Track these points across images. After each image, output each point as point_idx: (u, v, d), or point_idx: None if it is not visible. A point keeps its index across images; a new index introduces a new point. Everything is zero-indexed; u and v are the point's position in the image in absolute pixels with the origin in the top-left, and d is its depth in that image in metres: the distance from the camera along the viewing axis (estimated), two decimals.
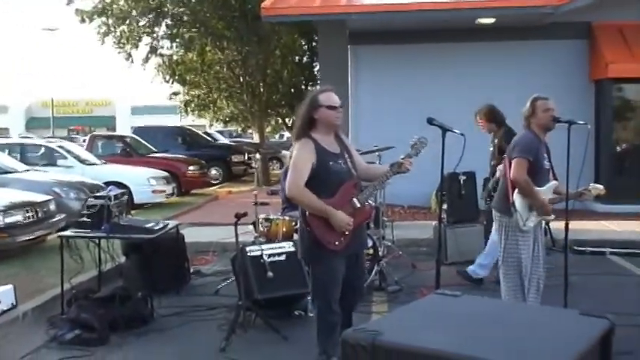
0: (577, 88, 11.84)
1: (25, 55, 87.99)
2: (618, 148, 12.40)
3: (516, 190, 5.06)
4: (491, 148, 7.02)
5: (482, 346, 2.04)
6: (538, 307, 4.23)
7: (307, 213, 4.21)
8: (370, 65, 12.51)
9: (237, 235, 5.68)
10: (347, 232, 4.17)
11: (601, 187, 5.38)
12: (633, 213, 11.09)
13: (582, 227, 9.35)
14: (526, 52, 12.05)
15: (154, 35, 19.36)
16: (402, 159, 4.35)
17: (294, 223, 6.99)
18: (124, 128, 41.87)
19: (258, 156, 8.53)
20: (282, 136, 34.64)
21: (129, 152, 16.69)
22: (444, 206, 7.61)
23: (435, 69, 12.20)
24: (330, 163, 4.20)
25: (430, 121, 4.35)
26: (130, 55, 19.50)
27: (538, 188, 5.08)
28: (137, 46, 19.38)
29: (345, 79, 12.52)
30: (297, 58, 21.80)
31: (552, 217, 5.24)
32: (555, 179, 5.27)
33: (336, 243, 4.16)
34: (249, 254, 5.83)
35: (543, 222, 5.41)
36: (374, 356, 2.04)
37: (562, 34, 12.01)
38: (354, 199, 4.25)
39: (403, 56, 12.31)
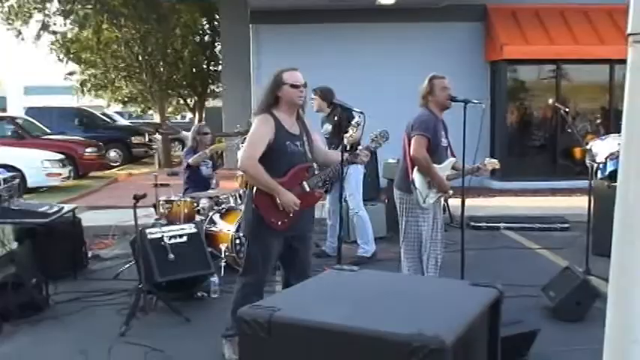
0: (473, 68, 12.24)
1: None
2: (512, 127, 12.91)
3: (416, 168, 5.16)
4: (329, 127, 6.96)
5: (377, 318, 2.08)
6: (431, 279, 4.35)
7: (255, 190, 4.19)
8: (272, 44, 12.44)
9: (136, 218, 5.52)
10: (291, 214, 4.17)
11: (495, 161, 5.64)
12: (526, 189, 11.63)
13: (478, 204, 9.72)
14: (424, 34, 12.33)
15: (46, 11, 18.52)
16: (360, 150, 4.40)
17: (195, 204, 6.90)
18: (16, 109, 39.89)
19: (158, 136, 8.34)
20: (184, 117, 34.00)
21: (21, 134, 15.89)
22: None
23: (337, 49, 12.27)
24: (287, 142, 4.18)
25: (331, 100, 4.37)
26: (20, 32, 18.61)
27: (437, 165, 5.21)
28: (27, 23, 18.51)
29: (247, 58, 12.42)
30: (198, 37, 21.44)
31: (450, 192, 5.39)
32: (453, 156, 5.41)
33: (279, 223, 4.16)
34: (149, 237, 5.70)
35: (442, 199, 5.55)
36: (271, 332, 2.04)
37: (459, 16, 12.36)
38: (304, 183, 4.26)
39: (305, 36, 12.32)
